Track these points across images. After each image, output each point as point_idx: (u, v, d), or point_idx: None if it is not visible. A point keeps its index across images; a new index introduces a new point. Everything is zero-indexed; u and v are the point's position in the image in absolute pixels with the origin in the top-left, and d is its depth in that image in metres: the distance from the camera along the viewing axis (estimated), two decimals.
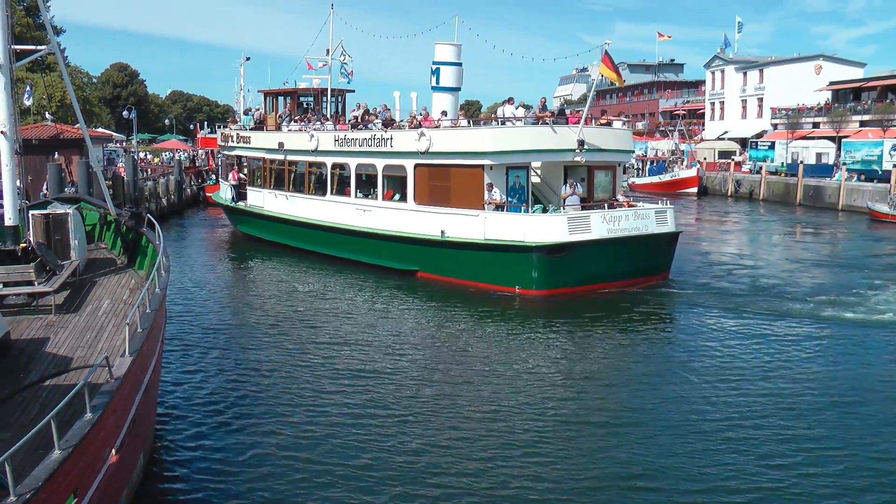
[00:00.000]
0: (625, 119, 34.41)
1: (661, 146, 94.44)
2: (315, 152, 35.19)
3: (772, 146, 79.15)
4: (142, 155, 75.03)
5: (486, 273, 27.28)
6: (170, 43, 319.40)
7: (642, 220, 27.83)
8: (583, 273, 26.42)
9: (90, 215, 21.10)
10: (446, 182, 29.09)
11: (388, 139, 31.22)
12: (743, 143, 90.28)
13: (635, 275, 27.47)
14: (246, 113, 46.35)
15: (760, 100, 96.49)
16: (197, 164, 70.44)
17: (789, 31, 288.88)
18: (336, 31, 41.07)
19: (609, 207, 27.84)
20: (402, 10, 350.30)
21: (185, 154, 78.00)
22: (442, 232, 28.50)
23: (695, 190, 74.50)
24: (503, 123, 29.32)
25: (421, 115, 32.77)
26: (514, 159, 27.89)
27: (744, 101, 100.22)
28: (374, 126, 33.01)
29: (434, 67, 33.35)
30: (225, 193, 44.46)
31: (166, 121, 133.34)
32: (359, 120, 35.29)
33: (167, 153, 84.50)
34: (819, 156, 71.84)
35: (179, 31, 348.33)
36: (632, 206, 29.06)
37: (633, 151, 35.79)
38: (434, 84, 33.42)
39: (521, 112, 30.31)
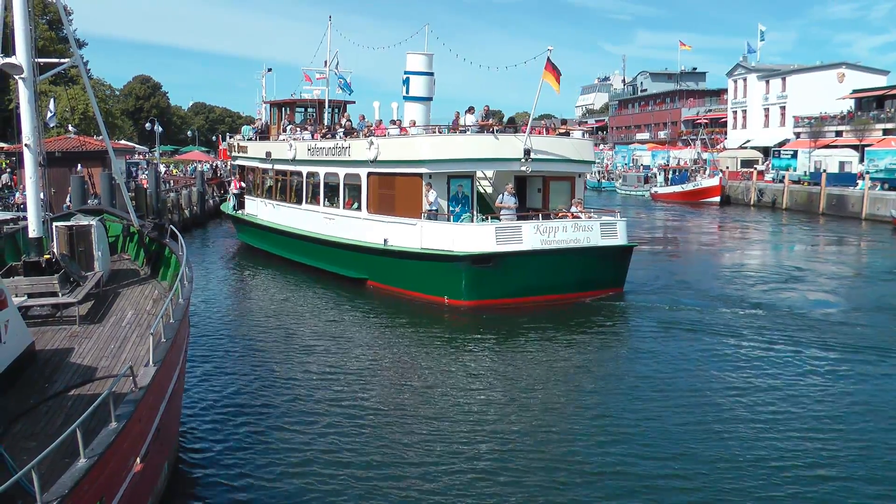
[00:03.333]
0: (584, 129, 33.58)
1: (683, 155, 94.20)
2: (293, 161, 35.36)
3: (794, 155, 78.69)
4: (162, 168, 75.31)
5: (422, 282, 26.83)
6: (192, 55, 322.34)
7: (584, 232, 26.61)
8: (514, 285, 25.56)
9: (113, 227, 21.25)
10: (391, 191, 28.75)
11: (346, 148, 31.12)
12: (765, 151, 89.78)
13: (578, 288, 26.43)
14: (248, 124, 47.01)
15: (783, 108, 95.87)
16: (219, 175, 70.64)
17: (812, 39, 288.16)
18: (334, 42, 41.00)
19: (544, 218, 27.02)
20: (425, 19, 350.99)
21: (208, 165, 78.25)
22: (385, 241, 28.22)
23: (717, 199, 74.22)
24: (464, 132, 28.63)
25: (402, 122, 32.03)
26: (454, 168, 27.40)
27: (766, 110, 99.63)
28: (338, 135, 33.03)
29: (405, 77, 32.76)
30: (231, 203, 45.26)
31: (189, 132, 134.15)
32: (328, 129, 35.30)
33: (190, 165, 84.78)
34: (842, 164, 71.38)
35: (201, 42, 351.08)
36: (576, 217, 27.67)
37: (594, 162, 34.55)
38: (405, 94, 32.83)
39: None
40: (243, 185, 43.71)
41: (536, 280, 25.75)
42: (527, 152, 27.01)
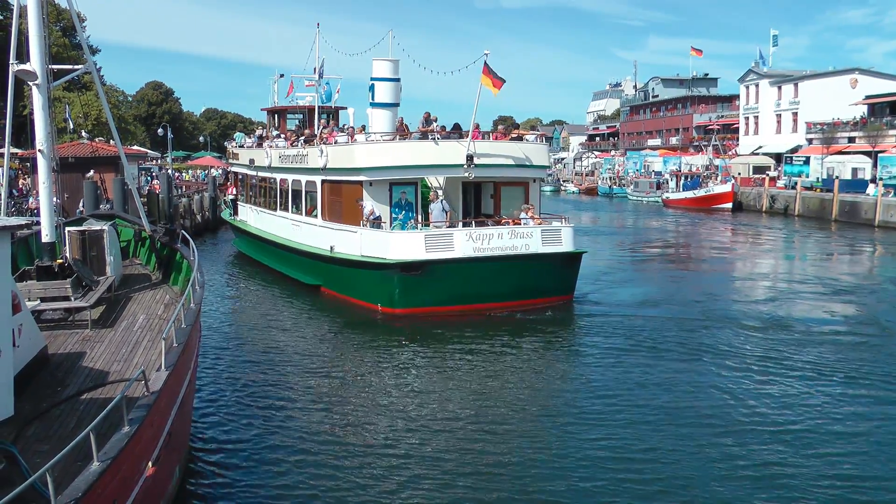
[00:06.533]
0: (537, 133, 32.96)
1: (695, 161, 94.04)
2: (269, 168, 35.67)
3: (807, 161, 78.48)
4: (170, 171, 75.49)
5: (361, 290, 26.65)
6: (204, 61, 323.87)
7: (522, 239, 25.84)
8: (446, 293, 24.97)
9: (125, 232, 21.36)
10: (339, 198, 28.73)
11: (305, 156, 31.27)
12: (778, 158, 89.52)
13: (517, 296, 25.69)
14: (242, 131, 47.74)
15: (795, 114, 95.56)
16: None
17: (825, 45, 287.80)
18: (322, 50, 40.86)
19: (478, 225, 26.44)
20: (438, 27, 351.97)
21: (220, 171, 78.44)
22: (331, 248, 28.12)
23: (729, 205, 74.00)
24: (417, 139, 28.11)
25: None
26: (394, 175, 27.07)
27: (778, 116, 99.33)
28: (300, 143, 33.12)
29: (371, 83, 31.98)
30: (227, 209, 45.92)
31: (201, 138, 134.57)
32: (296, 137, 35.37)
33: (202, 171, 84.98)
34: (855, 171, 71.13)
35: (213, 49, 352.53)
36: (517, 223, 26.78)
37: (548, 167, 33.52)
38: (371, 100, 31.99)
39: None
40: (235, 190, 44.36)
41: (470, 288, 25.23)
42: (469, 158, 26.44)
